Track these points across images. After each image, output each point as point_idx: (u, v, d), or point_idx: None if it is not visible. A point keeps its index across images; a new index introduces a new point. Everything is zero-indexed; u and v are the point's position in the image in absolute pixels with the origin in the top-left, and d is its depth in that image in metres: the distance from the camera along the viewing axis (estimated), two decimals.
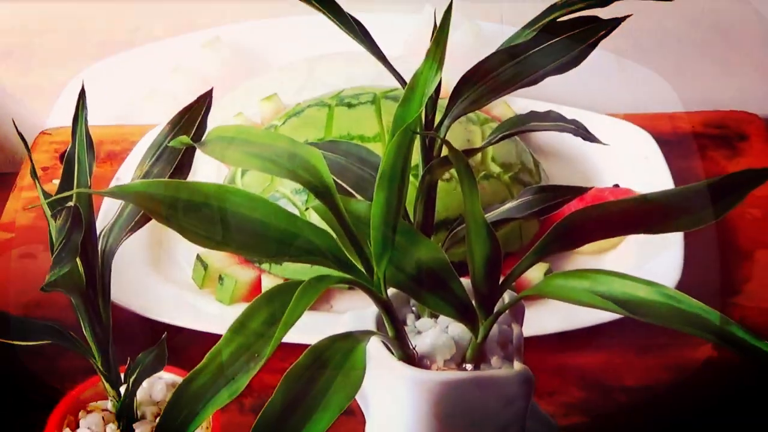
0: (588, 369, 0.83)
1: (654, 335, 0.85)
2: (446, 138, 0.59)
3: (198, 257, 0.90)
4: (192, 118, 0.66)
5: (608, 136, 1.03)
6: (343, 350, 0.52)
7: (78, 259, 0.60)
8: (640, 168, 1.00)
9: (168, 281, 0.90)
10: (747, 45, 1.12)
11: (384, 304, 0.55)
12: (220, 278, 0.87)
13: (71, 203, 0.54)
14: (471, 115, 0.95)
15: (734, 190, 0.59)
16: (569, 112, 1.05)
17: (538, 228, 0.92)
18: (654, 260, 0.88)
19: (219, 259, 0.89)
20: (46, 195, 0.56)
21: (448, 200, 0.86)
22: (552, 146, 1.04)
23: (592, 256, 0.91)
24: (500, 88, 0.57)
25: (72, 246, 0.52)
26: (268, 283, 0.85)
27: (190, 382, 0.46)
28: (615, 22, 0.59)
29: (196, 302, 0.87)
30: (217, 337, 0.82)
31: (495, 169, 0.92)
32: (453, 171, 0.89)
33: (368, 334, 0.55)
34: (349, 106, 0.92)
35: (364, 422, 0.67)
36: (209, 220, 0.51)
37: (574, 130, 0.56)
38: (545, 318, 0.84)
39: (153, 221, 0.95)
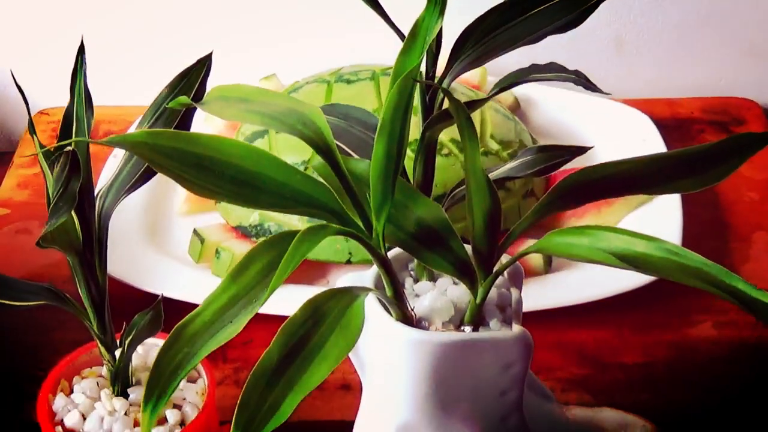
0: (586, 345, 0.83)
1: (652, 313, 0.85)
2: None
3: (195, 231, 0.89)
4: (191, 81, 0.66)
5: (607, 119, 1.04)
6: (341, 304, 0.52)
7: (75, 217, 0.60)
8: (638, 150, 0.99)
9: (165, 255, 0.90)
10: (747, 32, 1.12)
11: (382, 261, 0.55)
12: (217, 252, 0.87)
13: (69, 149, 0.53)
14: (470, 92, 0.95)
15: (735, 153, 0.59)
16: (568, 95, 1.06)
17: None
18: None
19: (216, 233, 0.89)
20: (44, 148, 0.56)
21: (446, 176, 0.86)
22: (550, 128, 1.04)
23: None
24: (500, 47, 0.57)
25: (70, 194, 0.51)
26: None
27: (188, 324, 0.45)
28: None
29: (192, 276, 0.86)
30: None
31: (494, 146, 0.91)
32: (452, 146, 0.90)
33: (366, 290, 0.54)
34: (348, 82, 0.92)
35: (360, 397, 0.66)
36: (207, 170, 0.51)
37: (575, 79, 0.56)
38: (544, 294, 0.83)
39: (150, 193, 0.96)
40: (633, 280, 0.84)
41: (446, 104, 0.53)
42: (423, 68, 0.56)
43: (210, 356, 0.71)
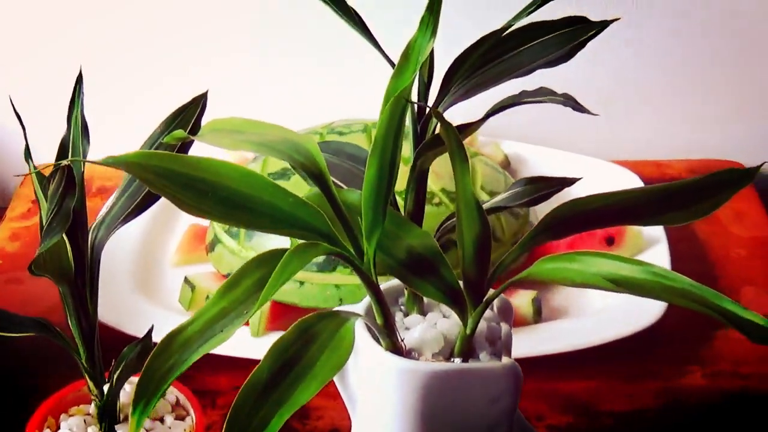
0: (575, 394, 0.83)
1: (642, 362, 0.85)
2: (433, 167, 0.60)
3: (186, 279, 0.89)
4: (186, 118, 0.67)
5: (596, 178, 1.05)
6: (331, 326, 0.52)
7: (68, 246, 0.60)
8: None
9: (156, 305, 0.90)
10: (732, 95, 1.14)
11: (373, 287, 0.55)
12: (207, 299, 0.87)
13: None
14: None
15: (722, 188, 0.60)
16: (557, 154, 1.07)
17: (517, 227, 0.93)
18: None
19: (206, 280, 0.89)
20: (39, 174, 0.57)
21: (436, 225, 0.86)
22: None
23: (581, 288, 0.91)
24: (492, 80, 0.58)
25: (64, 212, 0.52)
26: None
27: (179, 333, 0.46)
28: (604, 24, 0.60)
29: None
30: (204, 355, 0.83)
31: (484, 197, 0.92)
32: (442, 196, 0.90)
33: (356, 315, 0.55)
34: (341, 134, 0.93)
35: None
36: (200, 191, 0.52)
37: (563, 101, 0.57)
38: (533, 342, 0.83)
39: (142, 244, 0.96)
40: (623, 329, 0.84)
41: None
42: (415, 97, 0.57)
43: (199, 401, 0.71)
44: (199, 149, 0.59)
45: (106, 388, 0.67)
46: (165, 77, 1.14)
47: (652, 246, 0.94)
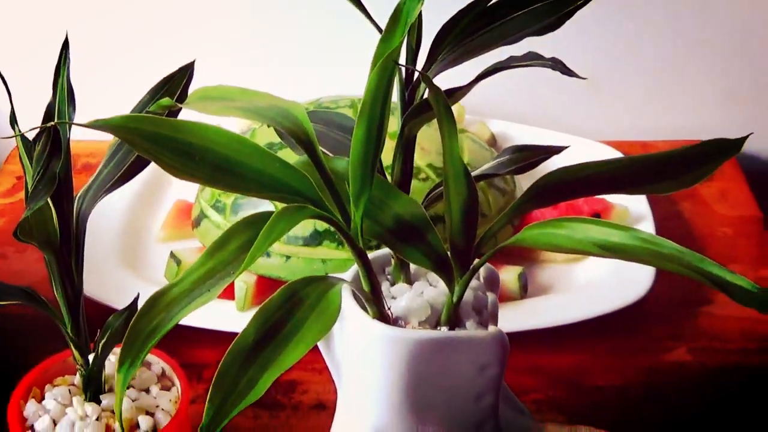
0: (562, 369, 0.83)
1: (628, 338, 0.85)
2: (420, 142, 0.60)
3: (171, 254, 0.89)
4: (173, 87, 0.67)
5: (582, 157, 1.05)
6: (318, 290, 0.52)
7: (54, 213, 0.60)
8: None
9: (142, 279, 0.89)
10: (720, 76, 1.14)
11: (360, 252, 0.55)
12: None
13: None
14: None
15: (709, 158, 0.60)
16: (544, 133, 1.07)
17: (504, 203, 0.93)
18: (627, 268, 0.88)
19: (192, 255, 0.89)
20: (24, 138, 0.56)
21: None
22: None
23: (565, 264, 0.91)
24: (480, 47, 0.58)
25: (50, 175, 0.51)
26: (241, 278, 0.85)
27: (166, 292, 0.45)
28: None
29: None
30: (190, 329, 0.82)
31: None
32: (429, 171, 0.90)
33: (343, 281, 0.54)
34: (328, 109, 0.93)
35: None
36: (187, 155, 0.51)
37: (551, 65, 0.57)
38: (520, 317, 0.84)
39: (128, 220, 0.96)
40: (608, 305, 0.84)
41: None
42: (403, 61, 0.57)
43: (185, 373, 0.71)
44: (186, 117, 0.59)
45: (91, 357, 0.66)
46: (152, 46, 1.14)
47: (637, 224, 0.94)
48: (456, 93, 0.54)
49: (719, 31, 1.11)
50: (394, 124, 0.59)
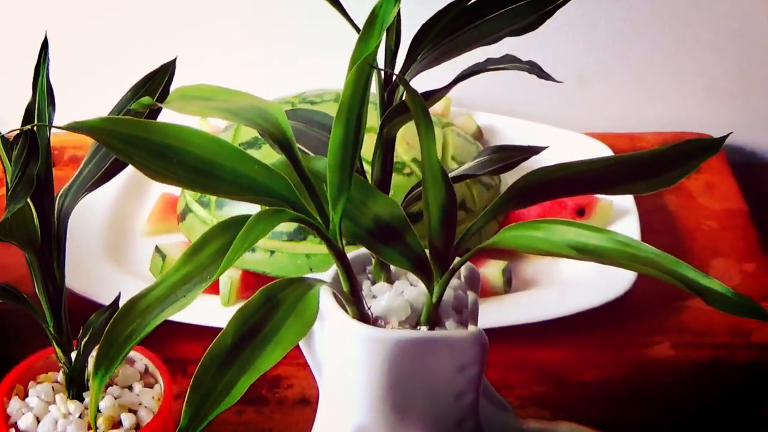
0: (545, 363, 0.83)
1: (612, 333, 0.86)
2: (405, 137, 0.60)
3: (156, 248, 0.89)
4: (155, 85, 0.67)
5: (568, 150, 1.05)
6: (296, 292, 0.52)
7: (34, 212, 0.60)
8: None
9: (126, 273, 0.89)
10: (707, 69, 1.14)
11: (339, 254, 0.55)
12: None
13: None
14: (432, 117, 0.96)
15: (689, 157, 0.60)
16: (530, 126, 1.07)
17: (488, 198, 0.93)
18: None
19: (177, 250, 0.89)
20: (4, 139, 0.56)
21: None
22: None
23: (550, 258, 0.91)
24: (460, 47, 0.58)
25: (28, 177, 0.51)
26: (226, 273, 0.85)
27: (142, 298, 0.46)
28: None
29: None
30: (174, 324, 0.82)
31: (454, 167, 0.92)
32: (413, 166, 0.90)
33: (321, 282, 0.55)
34: (312, 103, 0.93)
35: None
36: (165, 157, 0.51)
37: (528, 69, 0.57)
38: (503, 312, 0.84)
39: (113, 214, 0.96)
40: (592, 300, 0.85)
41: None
42: (382, 64, 0.57)
43: (169, 371, 0.71)
44: (167, 117, 0.59)
45: (73, 355, 0.67)
46: (134, 43, 1.13)
47: (622, 217, 0.94)
48: (433, 96, 0.54)
49: (705, 25, 1.11)
50: (374, 118, 0.59)
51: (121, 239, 0.95)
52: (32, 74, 0.63)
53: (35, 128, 0.55)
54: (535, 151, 0.60)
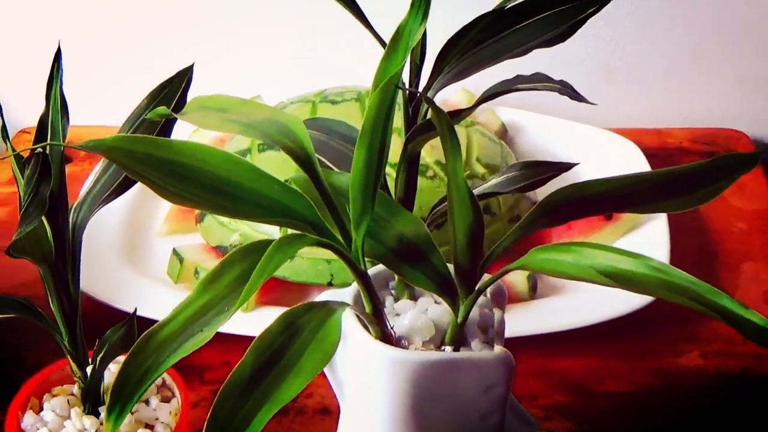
0: (571, 373, 0.81)
1: (639, 342, 0.84)
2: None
3: (174, 251, 0.88)
4: (171, 93, 0.65)
5: (594, 147, 1.03)
6: (317, 318, 0.50)
7: (48, 227, 0.58)
8: None
9: (143, 275, 0.88)
10: (736, 63, 1.12)
11: (361, 275, 0.53)
12: (196, 272, 0.85)
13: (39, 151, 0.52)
14: None
15: (723, 174, 0.58)
16: (556, 122, 1.05)
17: (513, 201, 0.91)
18: None
19: (195, 253, 0.87)
20: (16, 152, 0.55)
21: (430, 198, 0.84)
22: (537, 154, 1.03)
23: None
24: (486, 60, 0.56)
25: (40, 199, 0.50)
26: None
27: (156, 332, 0.44)
28: (603, 1, 0.58)
29: (170, 296, 0.85)
30: None
31: (479, 169, 0.90)
32: (437, 168, 0.88)
33: (344, 305, 0.53)
34: (333, 102, 0.91)
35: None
36: (182, 177, 0.49)
37: (560, 89, 0.55)
38: (528, 319, 0.82)
39: (129, 214, 0.94)
40: (619, 307, 0.82)
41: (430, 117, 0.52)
42: (406, 79, 0.55)
43: (187, 377, 0.70)
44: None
45: (89, 369, 0.65)
46: (148, 38, 1.11)
47: (651, 220, 0.92)
48: (459, 115, 0.52)
49: (734, 18, 1.08)
50: (399, 119, 0.57)
51: (138, 240, 0.93)
52: (44, 69, 0.61)
53: (50, 143, 0.53)
54: (563, 168, 0.58)
